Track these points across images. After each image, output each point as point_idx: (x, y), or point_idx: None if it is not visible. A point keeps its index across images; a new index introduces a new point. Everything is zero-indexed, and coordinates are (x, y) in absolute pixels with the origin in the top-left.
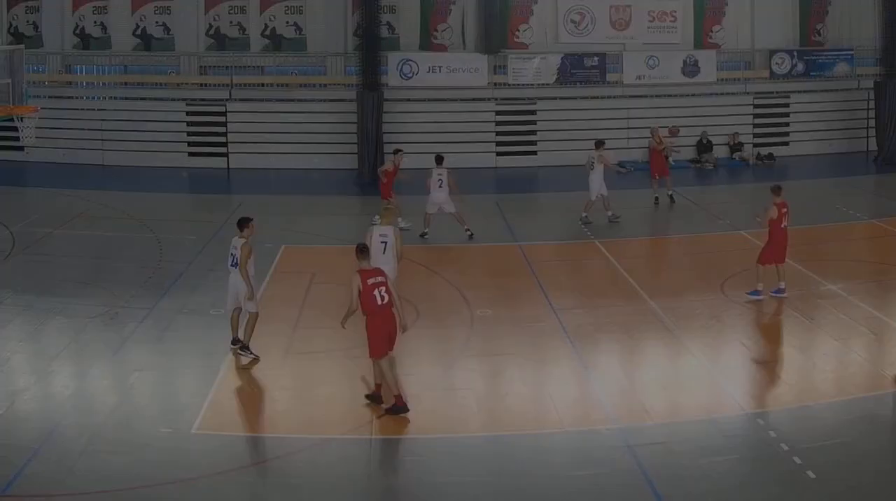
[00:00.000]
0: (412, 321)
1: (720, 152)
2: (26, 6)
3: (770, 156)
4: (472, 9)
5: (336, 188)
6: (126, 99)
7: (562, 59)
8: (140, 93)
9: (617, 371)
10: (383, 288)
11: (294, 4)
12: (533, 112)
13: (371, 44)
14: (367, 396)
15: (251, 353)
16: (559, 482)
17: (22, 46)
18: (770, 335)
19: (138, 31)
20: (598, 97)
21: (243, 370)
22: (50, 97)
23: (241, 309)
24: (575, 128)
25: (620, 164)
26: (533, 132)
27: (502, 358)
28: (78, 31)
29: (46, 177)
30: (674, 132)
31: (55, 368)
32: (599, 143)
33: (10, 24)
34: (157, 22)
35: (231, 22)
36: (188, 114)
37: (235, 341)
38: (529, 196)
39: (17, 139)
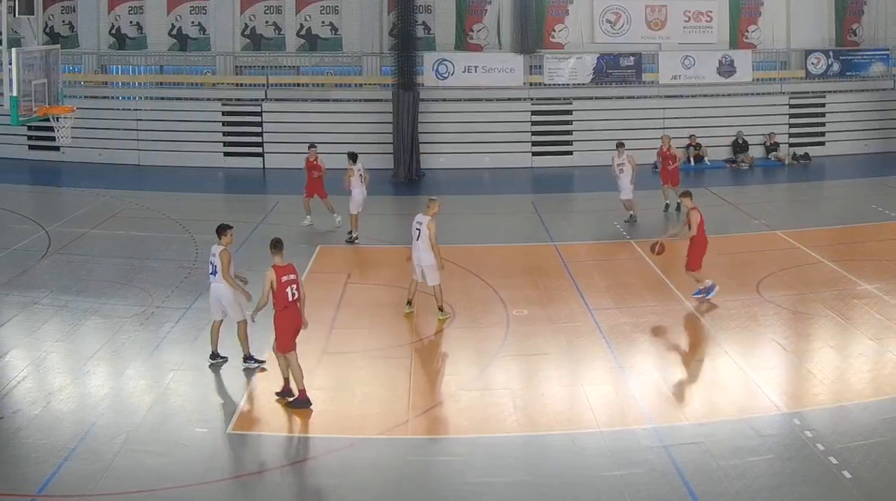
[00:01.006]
0: (448, 321)
1: (756, 152)
2: (62, 6)
3: (806, 156)
4: (507, 9)
5: (371, 188)
6: (162, 99)
7: (597, 58)
8: (176, 93)
9: (652, 371)
10: (294, 286)
11: (330, 4)
12: (569, 112)
13: (407, 44)
14: (277, 393)
15: (255, 361)
16: (594, 482)
17: (58, 46)
18: (806, 334)
19: (174, 31)
20: (633, 97)
21: (279, 370)
22: (86, 97)
23: (223, 320)
24: (611, 128)
25: (656, 165)
26: (569, 132)
27: (538, 358)
28: (114, 31)
29: (82, 177)
30: (659, 251)
31: (91, 368)
32: (621, 145)
33: (46, 24)
34: (192, 22)
35: (267, 22)
36: (224, 114)
37: (214, 355)
38: (565, 196)
39: (54, 139)
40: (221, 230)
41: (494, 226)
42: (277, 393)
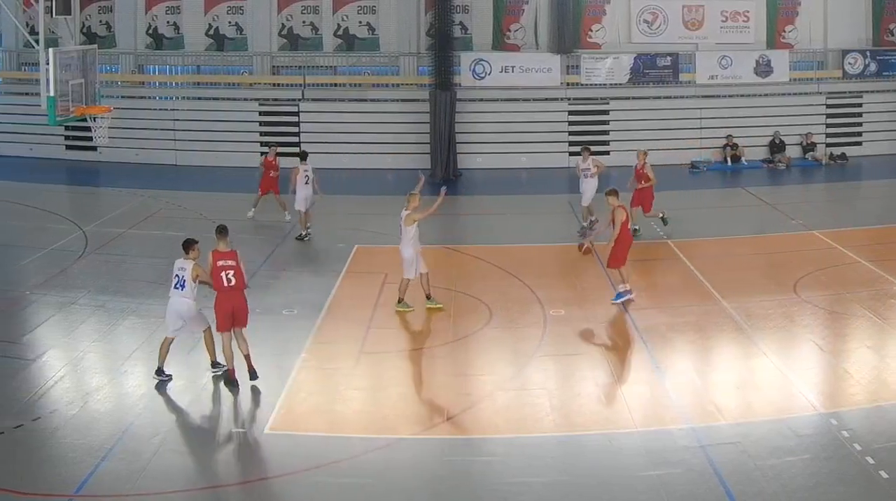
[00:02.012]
0: (485, 321)
1: (793, 152)
2: (99, 6)
3: (843, 156)
4: (544, 9)
5: (408, 188)
6: (199, 99)
7: (634, 58)
8: (213, 93)
9: (689, 370)
10: (231, 271)
11: (367, 4)
12: (605, 112)
13: (444, 44)
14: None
15: (222, 366)
16: (631, 482)
17: (95, 46)
18: (843, 334)
19: (211, 31)
20: (670, 97)
21: (316, 370)
22: (123, 97)
23: (174, 338)
24: (648, 128)
25: (693, 165)
26: (605, 132)
27: (575, 358)
28: (151, 31)
29: (119, 177)
30: (586, 251)
31: (128, 368)
32: (587, 149)
33: (83, 25)
34: (229, 22)
35: (304, 22)
36: (261, 114)
37: (160, 371)
38: (601, 196)
39: (91, 139)
40: (188, 245)
41: (531, 226)
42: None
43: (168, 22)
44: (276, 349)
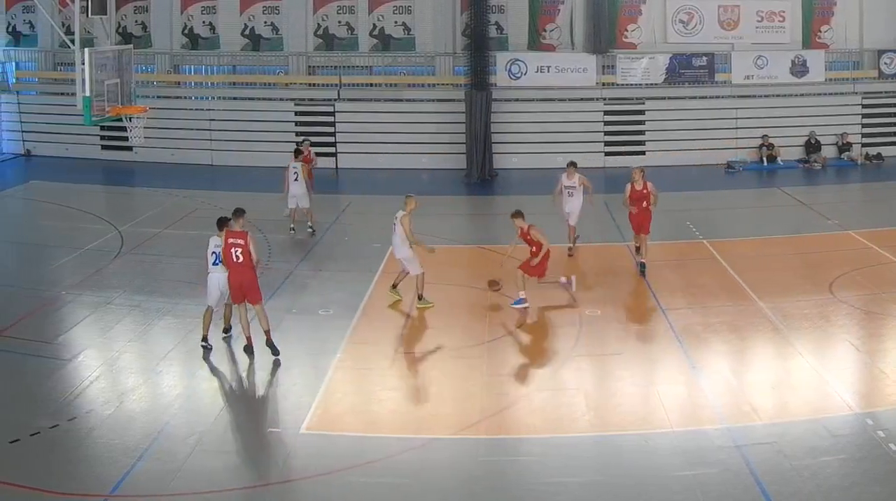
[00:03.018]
0: (519, 321)
1: (828, 152)
2: (135, 6)
3: (879, 156)
4: (580, 9)
5: (444, 188)
6: (235, 99)
7: (670, 58)
8: (248, 93)
9: (725, 370)
10: (239, 250)
11: (403, 4)
12: (641, 112)
13: (480, 44)
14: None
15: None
16: (667, 482)
17: (130, 47)
18: (878, 335)
19: (247, 31)
20: (706, 97)
21: (352, 370)
22: (158, 97)
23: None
24: (683, 128)
25: (729, 165)
26: (641, 132)
27: (611, 358)
28: (186, 31)
29: (155, 176)
30: (496, 289)
31: (163, 368)
32: (572, 164)
33: (119, 25)
34: (265, 22)
35: (339, 22)
36: (297, 114)
37: (227, 329)
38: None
39: (127, 139)
40: (222, 223)
41: (567, 226)
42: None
43: (204, 22)
44: (312, 349)
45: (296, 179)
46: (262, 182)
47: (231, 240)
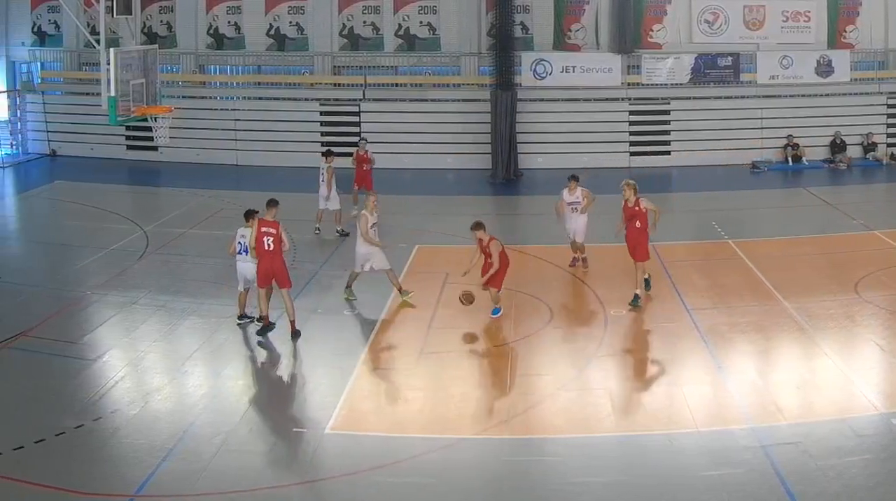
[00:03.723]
0: (546, 321)
1: (854, 152)
2: (160, 6)
3: None
4: (605, 8)
5: (469, 188)
6: (260, 99)
7: (695, 58)
8: (274, 94)
9: (750, 370)
10: (271, 238)
11: (428, 4)
12: (666, 112)
13: (505, 44)
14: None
15: (246, 318)
16: (692, 482)
17: (156, 46)
18: None
19: (272, 31)
20: (731, 97)
21: (377, 370)
22: (184, 97)
23: (248, 289)
24: (708, 128)
25: (754, 165)
26: (667, 132)
27: (636, 358)
28: (212, 31)
29: (180, 176)
30: (469, 301)
31: (189, 368)
32: (574, 178)
33: (144, 25)
34: (290, 22)
35: (365, 22)
36: (322, 114)
37: (242, 317)
38: (663, 196)
39: (152, 139)
40: (249, 215)
41: (592, 226)
42: (259, 321)
43: (229, 22)
44: (338, 349)
45: (322, 181)
46: (286, 182)
47: (264, 229)
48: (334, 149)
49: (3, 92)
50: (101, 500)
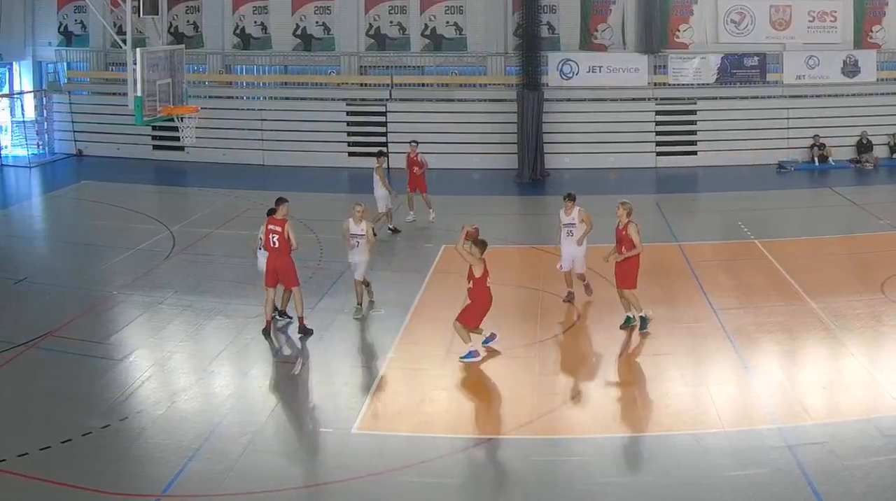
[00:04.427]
0: (572, 321)
1: (880, 152)
2: (186, 6)
3: None
4: (632, 9)
5: (496, 188)
6: (286, 99)
7: (722, 58)
8: (300, 93)
9: (777, 371)
10: (276, 236)
11: (454, 4)
12: (693, 112)
13: (531, 44)
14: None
15: (286, 316)
16: (718, 482)
17: (182, 46)
18: None
19: (298, 31)
20: (757, 97)
21: (403, 370)
22: (210, 97)
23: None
24: (735, 128)
25: (780, 165)
26: (693, 132)
27: (662, 358)
28: (238, 31)
29: (206, 177)
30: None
31: (215, 368)
32: (570, 197)
33: (171, 25)
34: (317, 22)
35: (391, 22)
36: (348, 114)
37: (282, 315)
38: (689, 196)
39: (178, 139)
40: (271, 212)
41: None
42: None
43: (255, 22)
44: (364, 349)
45: (375, 183)
46: (313, 182)
47: (270, 227)
48: (384, 150)
49: (30, 92)
50: (128, 500)
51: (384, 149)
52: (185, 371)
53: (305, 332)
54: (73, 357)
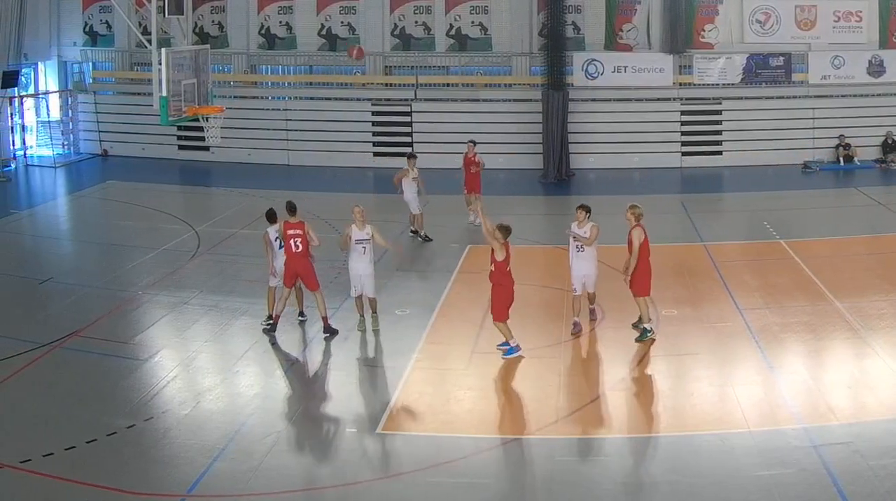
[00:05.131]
0: (597, 321)
1: None
2: (211, 6)
3: None
4: (657, 9)
5: (521, 188)
6: (311, 99)
7: (747, 58)
8: (325, 93)
9: (802, 371)
10: (299, 239)
11: (479, 4)
12: (718, 112)
13: (556, 44)
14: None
15: (303, 316)
16: (744, 482)
17: (207, 46)
18: None
19: (323, 31)
20: (783, 97)
21: (429, 370)
22: (235, 97)
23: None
24: (760, 128)
25: (806, 165)
26: (718, 132)
27: (688, 358)
28: (263, 31)
29: (232, 176)
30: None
31: (240, 368)
32: (584, 208)
33: (196, 25)
34: (342, 22)
35: (416, 22)
36: (373, 113)
37: (300, 314)
38: (714, 196)
39: (203, 139)
40: (272, 215)
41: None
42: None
43: (280, 22)
44: (389, 349)
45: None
46: (338, 182)
47: (290, 232)
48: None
49: (56, 92)
50: (153, 500)
51: (413, 152)
52: (211, 371)
53: (331, 332)
54: (98, 357)
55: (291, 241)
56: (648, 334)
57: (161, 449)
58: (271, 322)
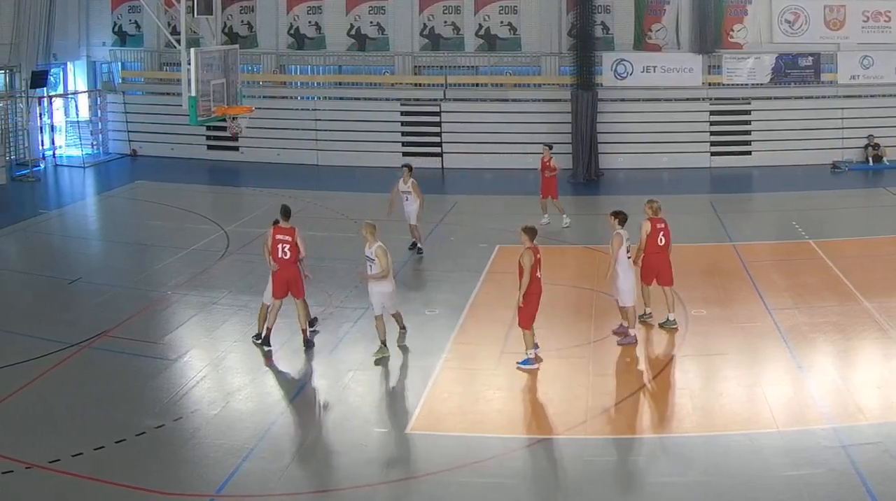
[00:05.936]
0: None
1: None
2: (241, 6)
3: None
4: (686, 9)
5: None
6: (340, 99)
7: (776, 58)
8: (354, 93)
9: (831, 371)
10: (287, 246)
11: (509, 4)
12: (747, 112)
13: (586, 43)
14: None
15: (315, 328)
16: (772, 482)
17: (236, 46)
18: None
19: (353, 31)
20: (812, 97)
21: (458, 370)
22: (264, 97)
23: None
24: (789, 128)
25: (835, 165)
26: (747, 132)
27: (717, 358)
28: (292, 31)
29: (261, 177)
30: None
31: (270, 368)
32: (618, 215)
33: (225, 25)
34: (371, 22)
35: (445, 22)
36: (402, 113)
37: (312, 325)
38: (744, 196)
39: (232, 139)
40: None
41: (673, 226)
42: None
43: (309, 22)
44: (418, 349)
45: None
46: (367, 182)
47: (278, 237)
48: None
49: (85, 92)
50: (182, 500)
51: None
52: (240, 371)
53: (309, 345)
54: (127, 357)
55: (279, 247)
56: (645, 318)
57: (190, 449)
58: (260, 341)
